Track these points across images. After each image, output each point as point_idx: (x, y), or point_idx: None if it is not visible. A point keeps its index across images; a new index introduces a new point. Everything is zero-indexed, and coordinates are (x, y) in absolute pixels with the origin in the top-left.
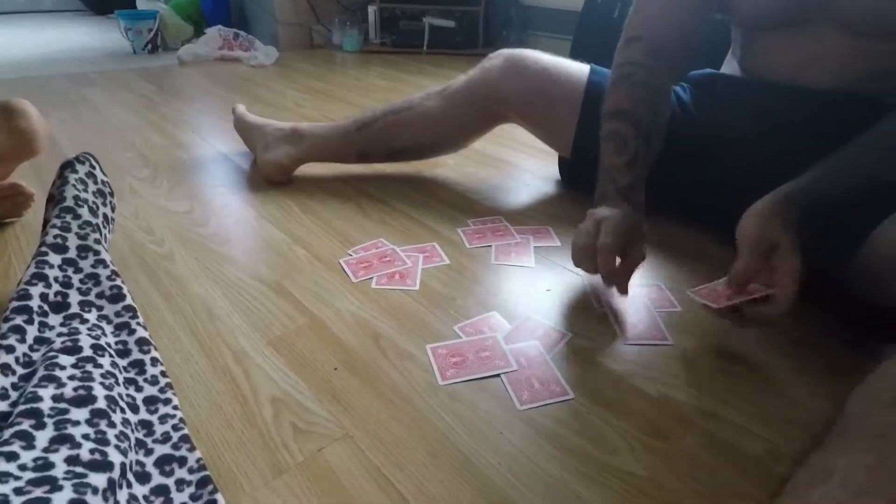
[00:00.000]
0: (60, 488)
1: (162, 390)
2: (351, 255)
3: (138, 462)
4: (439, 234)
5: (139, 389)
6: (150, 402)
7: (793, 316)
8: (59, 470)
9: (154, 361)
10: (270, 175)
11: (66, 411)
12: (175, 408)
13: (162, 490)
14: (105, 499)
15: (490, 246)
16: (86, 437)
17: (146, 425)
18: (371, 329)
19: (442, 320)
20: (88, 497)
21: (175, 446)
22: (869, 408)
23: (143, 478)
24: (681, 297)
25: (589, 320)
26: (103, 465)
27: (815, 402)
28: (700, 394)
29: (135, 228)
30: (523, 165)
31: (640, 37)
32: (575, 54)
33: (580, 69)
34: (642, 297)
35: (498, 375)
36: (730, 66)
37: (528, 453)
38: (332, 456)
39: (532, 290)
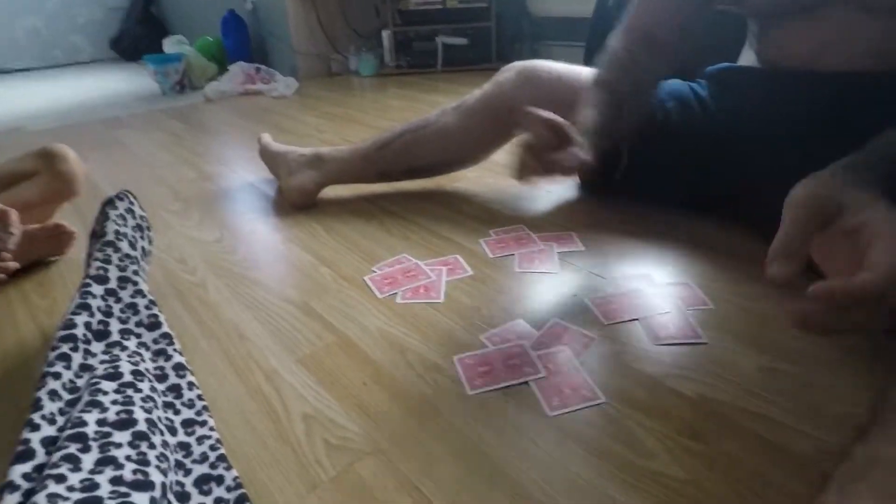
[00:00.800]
0: None
1: (199, 413)
2: (375, 272)
3: (178, 482)
4: (462, 246)
5: (177, 413)
6: (188, 424)
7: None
8: (104, 490)
9: (191, 385)
10: (295, 200)
11: (109, 434)
12: (211, 429)
13: None
14: None
15: (513, 255)
16: (128, 458)
17: (184, 447)
18: (398, 343)
19: (468, 331)
20: None
21: (212, 466)
22: None
23: (183, 497)
24: (712, 294)
25: (618, 323)
26: (145, 485)
27: (862, 394)
28: (739, 392)
29: (168, 259)
30: None
31: (637, 27)
32: (588, 60)
33: (592, 74)
34: (672, 295)
35: (526, 383)
36: (747, 59)
37: (561, 460)
38: (364, 470)
39: (557, 295)
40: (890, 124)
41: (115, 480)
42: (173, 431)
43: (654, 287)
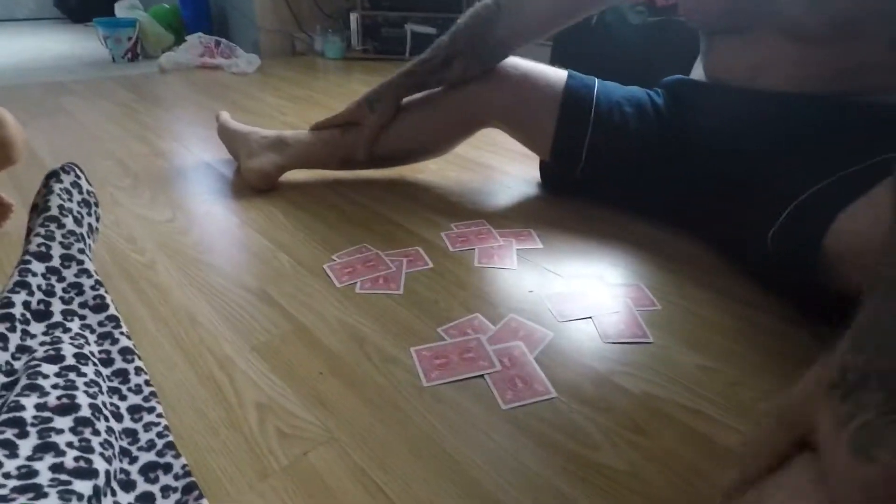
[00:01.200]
0: (45, 495)
1: (146, 399)
2: (335, 261)
3: (123, 470)
4: (423, 238)
5: (123, 398)
6: (135, 410)
7: (762, 309)
8: (44, 477)
9: (138, 371)
10: (254, 183)
11: (49, 420)
12: (159, 416)
13: (147, 497)
14: None
15: (473, 249)
16: (70, 445)
17: (130, 433)
18: (355, 333)
19: (426, 323)
20: None
21: (160, 453)
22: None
23: (128, 485)
24: (660, 296)
25: (571, 320)
26: (88, 473)
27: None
28: (678, 389)
29: (116, 238)
30: (505, 169)
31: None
32: (554, 60)
33: (558, 74)
34: (623, 296)
35: (482, 376)
36: (697, 72)
37: (512, 452)
38: (317, 459)
39: (515, 291)
40: (819, 146)
41: (56, 468)
42: (119, 417)
43: (607, 287)
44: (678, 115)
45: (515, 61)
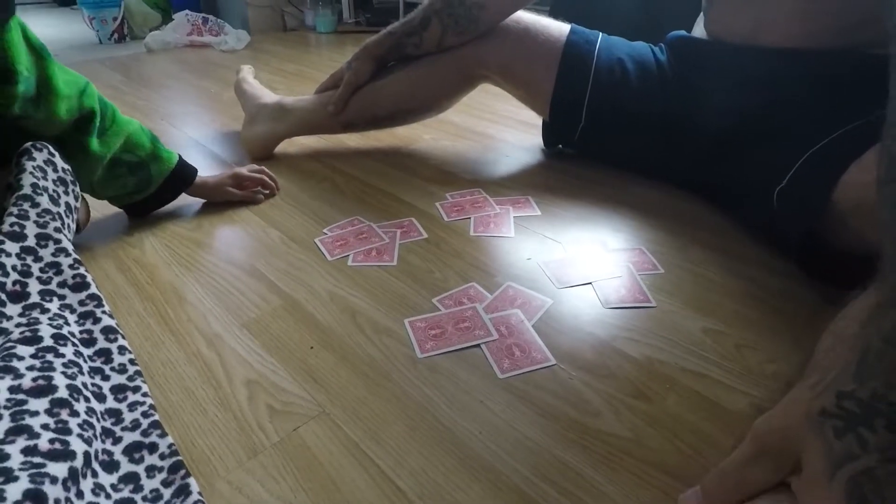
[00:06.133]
0: (16, 479)
1: (131, 378)
2: (326, 234)
3: (105, 451)
4: (417, 209)
5: (106, 378)
6: (119, 390)
7: (769, 270)
8: (15, 461)
9: (122, 350)
10: (252, 150)
11: (23, 402)
12: (145, 395)
13: (131, 478)
14: (66, 488)
15: (469, 218)
16: (45, 427)
17: (114, 413)
18: (348, 306)
19: (420, 294)
20: (46, 487)
21: (145, 433)
22: (834, 344)
23: (111, 466)
24: (663, 260)
25: (571, 287)
26: (64, 455)
27: (795, 355)
28: (682, 353)
29: (103, 219)
30: (502, 137)
31: None
32: (556, 16)
33: (560, 28)
34: (624, 260)
35: (478, 345)
36: (698, 29)
37: (509, 421)
38: (308, 434)
39: (512, 259)
40: (824, 102)
41: (29, 450)
42: (101, 398)
43: (608, 252)
44: (681, 73)
45: (518, 15)
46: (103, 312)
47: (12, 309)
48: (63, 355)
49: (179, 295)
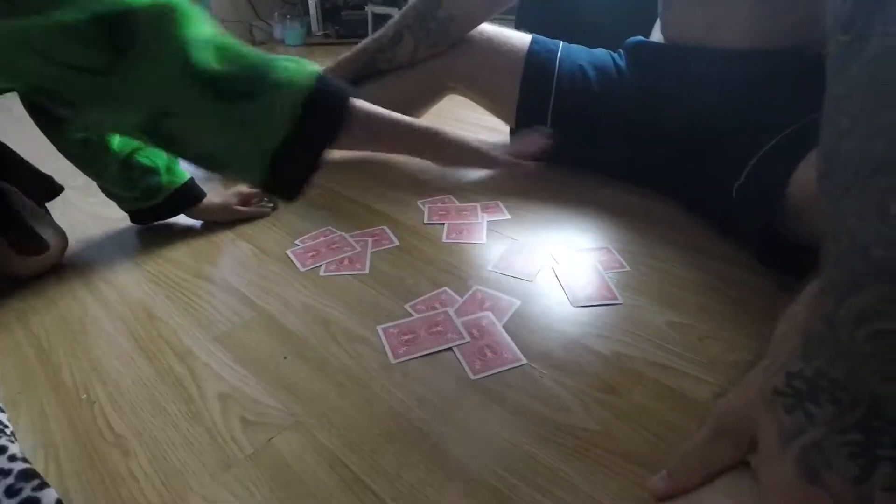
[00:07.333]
0: None
1: None
2: (298, 245)
3: None
4: (389, 217)
5: None
6: None
7: (731, 263)
8: None
9: None
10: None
11: None
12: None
13: None
14: None
15: (442, 224)
16: None
17: None
18: (320, 316)
19: (393, 301)
20: None
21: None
22: (787, 329)
23: None
24: (630, 258)
25: (540, 287)
26: None
27: (754, 343)
28: (648, 346)
29: (70, 240)
30: None
31: None
32: (519, 26)
33: (522, 38)
34: (592, 259)
35: (450, 349)
36: (656, 35)
37: (481, 420)
38: (282, 444)
39: (483, 263)
40: (776, 99)
41: None
42: None
43: (576, 252)
44: (639, 76)
45: (482, 27)
46: None
47: None
48: None
49: (149, 312)
